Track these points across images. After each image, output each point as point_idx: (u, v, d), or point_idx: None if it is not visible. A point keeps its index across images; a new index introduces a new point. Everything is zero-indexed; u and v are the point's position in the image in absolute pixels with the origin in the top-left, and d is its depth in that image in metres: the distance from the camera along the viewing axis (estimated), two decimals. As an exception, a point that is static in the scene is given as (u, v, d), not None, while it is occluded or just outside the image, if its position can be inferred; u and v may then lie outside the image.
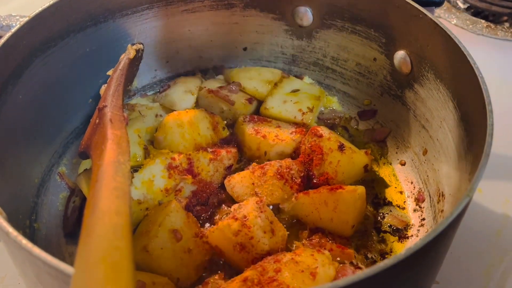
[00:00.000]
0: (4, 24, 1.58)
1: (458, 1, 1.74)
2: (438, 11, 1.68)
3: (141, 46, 1.18)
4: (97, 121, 0.94)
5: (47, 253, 0.63)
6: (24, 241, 0.64)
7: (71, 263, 0.59)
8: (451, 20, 1.67)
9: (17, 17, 1.59)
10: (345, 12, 1.20)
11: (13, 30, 0.96)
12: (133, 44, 1.16)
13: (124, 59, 1.12)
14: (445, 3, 1.72)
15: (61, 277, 0.62)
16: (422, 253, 0.66)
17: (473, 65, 0.88)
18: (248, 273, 0.85)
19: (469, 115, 0.92)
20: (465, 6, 1.72)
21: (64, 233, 1.06)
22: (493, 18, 1.67)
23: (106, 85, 1.06)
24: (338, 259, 0.96)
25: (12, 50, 0.96)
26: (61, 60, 1.08)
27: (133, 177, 1.02)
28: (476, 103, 0.85)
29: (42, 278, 0.68)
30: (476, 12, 1.70)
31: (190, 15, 1.28)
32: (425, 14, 1.02)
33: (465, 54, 0.91)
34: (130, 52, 1.13)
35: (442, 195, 0.99)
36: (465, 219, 0.79)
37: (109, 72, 1.10)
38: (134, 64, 1.16)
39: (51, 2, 1.03)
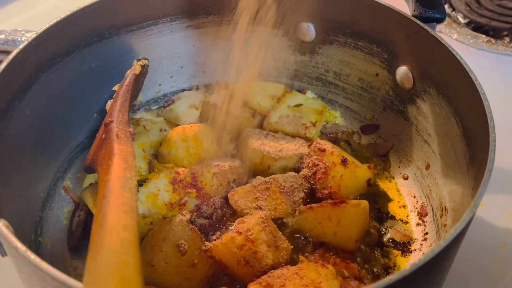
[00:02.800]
0: (9, 39, 1.60)
1: (458, 16, 1.76)
2: (439, 26, 1.69)
3: (146, 61, 1.19)
4: (103, 136, 0.95)
5: (53, 267, 0.64)
6: (33, 256, 0.65)
7: (75, 277, 0.60)
8: (452, 35, 1.68)
9: (22, 32, 1.61)
10: (347, 28, 1.21)
11: (20, 46, 0.97)
12: (138, 60, 1.17)
13: (130, 74, 1.13)
14: (446, 18, 1.74)
15: (69, 292, 0.62)
16: (426, 269, 0.66)
17: (474, 81, 0.89)
18: (253, 287, 0.85)
19: (471, 131, 0.92)
20: (466, 21, 1.74)
21: (68, 247, 1.06)
22: (493, 33, 1.69)
23: (112, 100, 1.07)
24: (342, 273, 0.96)
25: (19, 66, 0.97)
26: (67, 76, 1.10)
27: (138, 191, 1.03)
28: (478, 119, 0.86)
29: (49, 292, 0.69)
30: (476, 27, 1.72)
31: (195, 30, 1.29)
32: (427, 31, 1.03)
33: (466, 70, 0.92)
34: (136, 67, 1.14)
35: (445, 210, 0.99)
36: (468, 233, 0.79)
37: (115, 88, 1.11)
38: (140, 79, 1.17)
39: (58, 19, 1.05)
